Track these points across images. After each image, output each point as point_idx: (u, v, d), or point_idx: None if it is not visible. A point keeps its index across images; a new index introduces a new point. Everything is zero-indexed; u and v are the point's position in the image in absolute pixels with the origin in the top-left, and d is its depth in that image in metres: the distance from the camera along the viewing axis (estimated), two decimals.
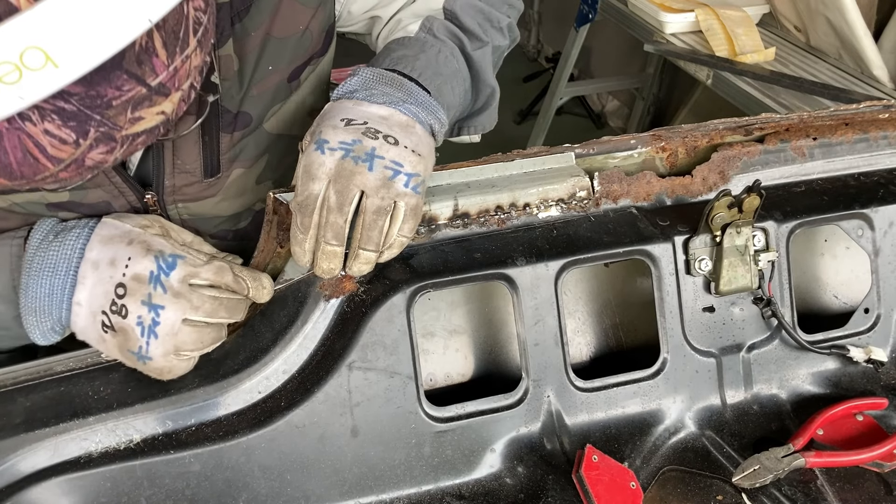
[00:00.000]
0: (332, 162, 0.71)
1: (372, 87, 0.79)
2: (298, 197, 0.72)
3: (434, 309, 0.99)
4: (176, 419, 0.78)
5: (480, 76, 0.97)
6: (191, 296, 0.73)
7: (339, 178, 0.71)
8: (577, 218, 0.89)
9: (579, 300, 1.04)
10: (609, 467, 0.80)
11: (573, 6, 3.06)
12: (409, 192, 0.72)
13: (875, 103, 0.98)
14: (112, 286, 0.73)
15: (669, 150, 0.94)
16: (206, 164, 0.86)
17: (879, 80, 2.08)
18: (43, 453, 0.75)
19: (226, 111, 0.84)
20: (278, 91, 0.88)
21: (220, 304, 0.74)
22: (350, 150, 0.71)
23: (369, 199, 0.71)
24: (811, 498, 0.80)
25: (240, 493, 0.79)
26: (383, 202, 0.71)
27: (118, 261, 0.74)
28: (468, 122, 1.04)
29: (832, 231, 1.05)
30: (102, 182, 0.82)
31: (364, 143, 0.72)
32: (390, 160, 0.72)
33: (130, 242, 0.75)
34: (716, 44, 2.29)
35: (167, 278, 0.73)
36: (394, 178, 0.72)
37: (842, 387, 0.93)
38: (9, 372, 0.79)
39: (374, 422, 0.81)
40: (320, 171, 0.71)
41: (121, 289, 0.73)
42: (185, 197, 0.89)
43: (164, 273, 0.73)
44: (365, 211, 0.72)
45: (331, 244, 0.72)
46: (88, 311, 0.74)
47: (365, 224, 0.72)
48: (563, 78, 3.25)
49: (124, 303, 0.72)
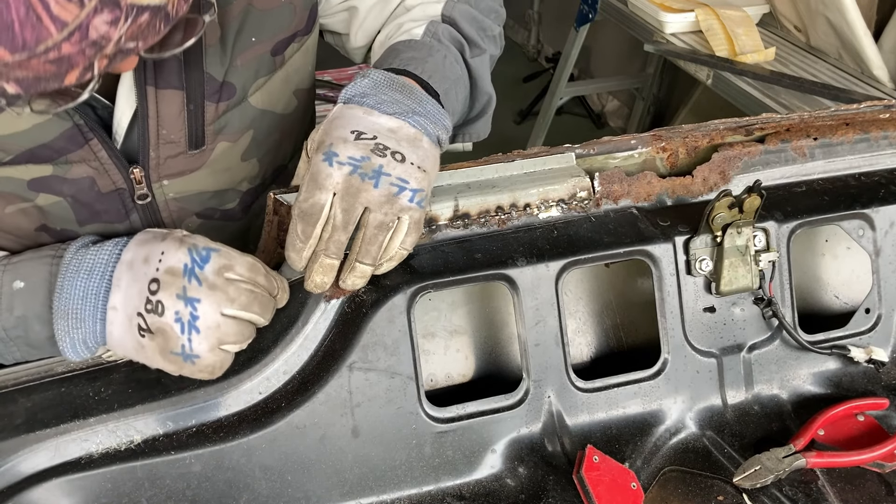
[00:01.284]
0: (340, 176, 0.71)
1: (382, 93, 0.78)
2: (303, 204, 0.72)
3: (435, 309, 0.99)
4: (177, 420, 0.78)
5: (478, 83, 0.98)
6: (227, 288, 0.72)
7: (346, 196, 0.71)
8: (578, 218, 0.89)
9: (580, 300, 1.04)
10: (610, 468, 0.80)
11: (573, 6, 3.06)
12: (413, 206, 0.73)
13: (875, 103, 0.98)
14: (146, 283, 0.71)
15: (670, 150, 0.94)
16: (190, 134, 0.85)
17: (879, 80, 2.08)
18: (44, 454, 0.75)
19: (211, 79, 0.83)
20: (262, 63, 0.88)
21: (255, 297, 0.73)
22: (358, 167, 0.72)
23: (372, 215, 0.72)
24: (812, 498, 0.80)
25: (241, 493, 0.79)
26: (386, 217, 0.72)
27: (152, 257, 0.73)
28: (464, 129, 1.04)
29: (833, 231, 1.05)
30: (87, 156, 0.81)
31: (372, 160, 0.72)
32: (396, 177, 0.73)
33: (164, 238, 0.74)
34: (716, 44, 2.29)
35: (202, 270, 0.71)
36: (399, 195, 0.72)
37: (843, 387, 0.93)
38: (10, 373, 0.79)
39: (375, 422, 0.81)
40: (328, 183, 0.71)
41: (154, 284, 0.71)
42: (170, 172, 0.87)
43: (198, 265, 0.72)
44: (367, 225, 0.72)
45: (330, 258, 0.72)
46: (124, 315, 0.72)
47: (365, 238, 0.72)
48: (563, 78, 3.25)
49: (159, 298, 0.71)
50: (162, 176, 0.87)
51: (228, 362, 0.75)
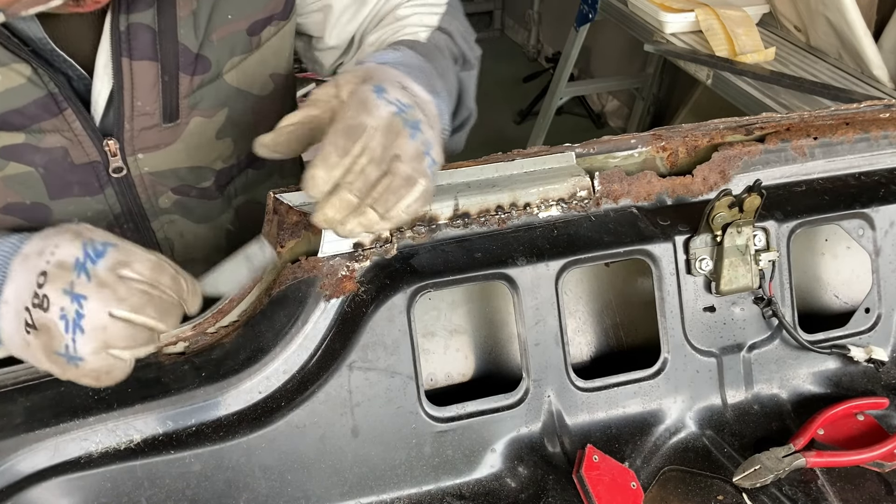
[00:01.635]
0: (387, 112, 0.67)
1: (415, 67, 0.77)
2: (349, 121, 0.65)
3: (434, 309, 0.99)
4: (176, 419, 0.78)
5: (464, 98, 0.97)
6: (118, 286, 0.66)
7: (389, 133, 0.66)
8: (578, 218, 0.89)
9: (580, 300, 1.04)
10: (610, 467, 0.80)
11: (573, 6, 3.06)
12: (430, 174, 0.70)
13: (875, 103, 0.98)
14: (35, 275, 0.66)
15: (670, 149, 0.94)
16: (165, 106, 0.85)
17: (879, 80, 2.08)
18: (43, 453, 0.75)
19: (186, 50, 0.83)
20: (238, 41, 0.88)
21: (150, 300, 0.67)
22: (403, 111, 0.68)
23: (402, 165, 0.67)
24: (812, 498, 0.80)
25: (240, 493, 0.78)
26: (414, 173, 0.68)
27: (45, 249, 0.67)
28: None
29: (833, 231, 1.05)
30: (61, 126, 0.80)
31: (416, 111, 0.69)
32: (426, 139, 0.70)
33: (64, 231, 0.68)
34: (716, 44, 2.29)
35: (94, 266, 0.66)
36: (425, 156, 0.69)
37: (842, 386, 0.93)
38: (9, 372, 0.79)
39: (375, 422, 0.81)
40: (376, 112, 0.66)
41: (42, 277, 0.65)
42: (144, 145, 0.87)
43: (90, 260, 0.66)
44: (395, 174, 0.67)
45: (354, 194, 0.66)
46: (13, 309, 0.67)
47: (391, 187, 0.67)
48: (563, 78, 3.25)
49: (45, 292, 0.65)
50: (137, 149, 0.87)
51: (120, 371, 0.68)
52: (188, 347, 0.83)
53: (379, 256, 0.83)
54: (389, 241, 0.84)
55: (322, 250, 0.82)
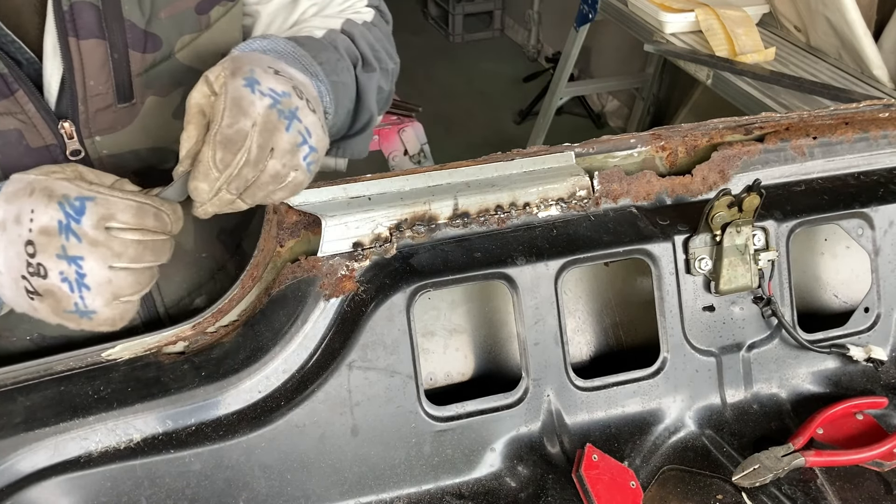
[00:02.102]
0: (262, 107, 0.69)
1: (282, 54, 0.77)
2: (227, 129, 0.68)
3: (434, 308, 0.99)
4: (176, 419, 0.78)
5: (363, 99, 0.97)
6: (111, 242, 0.67)
7: (265, 131, 0.68)
8: (577, 217, 0.89)
9: (579, 299, 1.04)
10: (609, 466, 0.80)
11: (573, 6, 3.06)
12: (303, 167, 0.71)
13: (875, 102, 0.98)
14: (22, 246, 0.67)
15: (669, 149, 0.94)
16: (118, 85, 0.84)
17: (879, 80, 2.08)
18: (43, 453, 0.75)
19: (133, 27, 0.82)
20: (187, 20, 0.87)
21: (146, 247, 0.69)
22: (278, 102, 0.70)
23: (272, 161, 0.69)
24: (811, 497, 0.80)
25: (240, 492, 0.79)
26: (283, 169, 0.70)
27: (22, 216, 0.67)
28: (342, 143, 1.03)
29: (832, 230, 1.05)
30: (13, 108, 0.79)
31: (292, 99, 0.70)
32: (305, 126, 0.71)
33: (32, 192, 0.68)
34: (716, 44, 2.29)
35: (79, 225, 0.67)
36: (300, 147, 0.70)
37: (842, 386, 0.93)
38: (9, 371, 0.79)
39: (375, 421, 0.81)
40: (251, 110, 0.68)
41: (30, 247, 0.66)
42: (101, 126, 0.85)
43: (73, 220, 0.67)
44: (264, 171, 0.70)
45: (231, 194, 0.69)
46: (10, 278, 0.68)
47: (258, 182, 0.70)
48: (563, 78, 3.25)
49: (39, 261, 0.66)
50: (93, 131, 0.85)
51: (132, 311, 0.71)
52: (188, 347, 0.83)
53: (378, 256, 0.84)
54: (389, 241, 0.84)
55: (322, 250, 0.82)
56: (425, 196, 0.85)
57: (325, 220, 0.81)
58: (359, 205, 0.84)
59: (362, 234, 0.83)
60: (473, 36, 5.12)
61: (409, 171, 0.87)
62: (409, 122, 2.49)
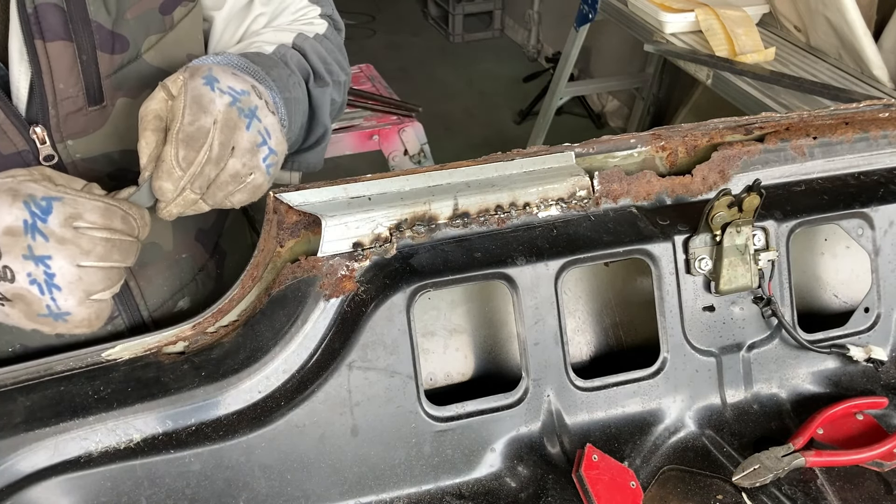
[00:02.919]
0: (222, 105, 0.69)
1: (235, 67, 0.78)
2: (188, 127, 0.68)
3: (434, 308, 0.99)
4: (176, 419, 0.78)
5: (317, 114, 0.97)
6: (79, 240, 0.66)
7: (225, 128, 0.68)
8: (577, 217, 0.89)
9: (579, 299, 1.04)
10: (609, 466, 0.80)
11: (573, 6, 3.07)
12: (263, 169, 0.71)
13: (875, 102, 0.98)
14: None
15: (669, 149, 0.94)
16: (88, 87, 0.83)
17: (879, 80, 2.08)
18: (43, 453, 0.75)
19: (100, 27, 0.81)
20: (152, 20, 0.87)
21: (113, 245, 0.68)
22: (238, 100, 0.70)
23: (232, 160, 0.69)
24: (811, 497, 0.80)
25: (240, 492, 0.79)
26: (243, 169, 0.70)
27: None
28: (297, 157, 1.03)
29: (832, 230, 1.05)
30: None
31: (251, 97, 0.70)
32: (264, 127, 0.71)
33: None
34: (716, 44, 2.29)
35: (45, 224, 0.65)
36: (260, 148, 0.71)
37: (842, 386, 0.93)
38: (9, 371, 0.79)
39: (375, 421, 0.81)
40: (212, 108, 0.68)
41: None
42: (73, 130, 0.84)
43: (39, 219, 0.65)
44: (224, 170, 0.70)
45: (195, 193, 0.69)
46: None
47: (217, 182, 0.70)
48: (563, 78, 3.25)
49: (5, 264, 0.65)
50: (66, 135, 0.84)
51: (107, 311, 0.70)
52: (188, 347, 0.83)
53: (378, 256, 0.84)
54: (389, 241, 0.84)
55: (322, 250, 0.82)
56: (425, 196, 0.86)
57: (325, 220, 0.81)
58: (359, 205, 0.84)
59: (362, 234, 0.83)
60: (473, 36, 5.12)
61: (409, 171, 0.87)
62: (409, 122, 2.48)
